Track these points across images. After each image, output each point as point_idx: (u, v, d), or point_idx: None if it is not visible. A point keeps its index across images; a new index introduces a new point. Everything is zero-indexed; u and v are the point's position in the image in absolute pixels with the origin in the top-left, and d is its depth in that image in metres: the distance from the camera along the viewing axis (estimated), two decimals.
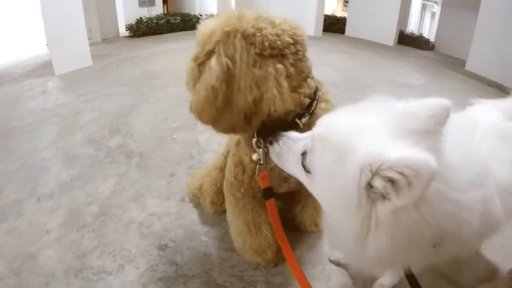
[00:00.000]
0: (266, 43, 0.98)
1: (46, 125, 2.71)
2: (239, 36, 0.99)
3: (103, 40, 6.05)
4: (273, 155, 0.99)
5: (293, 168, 0.92)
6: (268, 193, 1.16)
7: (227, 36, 1.00)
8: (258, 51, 0.98)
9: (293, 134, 0.96)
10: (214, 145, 2.43)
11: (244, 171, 1.31)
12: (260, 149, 1.14)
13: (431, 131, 0.70)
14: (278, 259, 1.50)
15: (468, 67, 8.50)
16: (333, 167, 0.71)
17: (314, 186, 0.85)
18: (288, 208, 1.65)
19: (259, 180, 1.18)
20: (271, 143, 0.99)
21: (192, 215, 1.77)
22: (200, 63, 1.05)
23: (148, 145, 2.41)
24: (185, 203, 1.85)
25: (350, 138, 0.70)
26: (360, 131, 0.70)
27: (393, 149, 0.62)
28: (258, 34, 0.99)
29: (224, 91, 0.98)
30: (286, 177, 1.20)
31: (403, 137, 0.67)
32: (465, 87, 6.61)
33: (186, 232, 1.65)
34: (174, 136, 2.56)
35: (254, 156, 1.18)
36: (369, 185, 0.64)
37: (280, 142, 0.96)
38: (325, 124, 0.81)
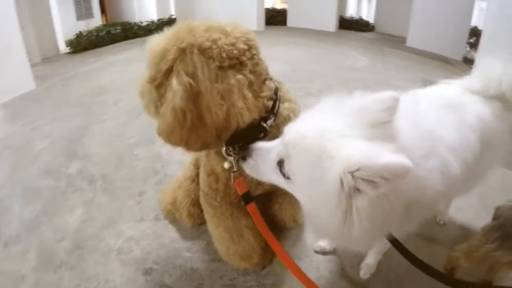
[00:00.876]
0: (224, 55, 0.97)
1: None
2: (195, 51, 0.96)
3: (43, 59, 5.67)
4: (248, 170, 1.01)
5: (271, 177, 0.96)
6: (247, 198, 1.16)
7: (183, 52, 0.97)
8: (218, 64, 0.96)
9: (262, 145, 0.98)
10: (177, 156, 2.37)
11: (217, 179, 1.30)
12: (231, 157, 1.13)
13: (386, 122, 0.81)
14: (265, 261, 1.52)
15: (409, 43, 9.02)
16: (312, 173, 0.78)
17: (295, 189, 0.90)
18: (266, 208, 1.66)
19: (236, 187, 1.17)
20: (244, 159, 1.00)
21: (170, 232, 1.72)
22: (158, 85, 1.02)
23: (110, 166, 2.31)
24: (160, 221, 1.80)
25: (321, 142, 0.77)
26: (329, 134, 0.78)
27: (367, 152, 0.71)
28: (214, 47, 0.97)
29: (192, 110, 0.95)
30: (260, 182, 1.20)
31: (366, 133, 0.78)
32: (409, 63, 6.92)
33: (168, 251, 1.60)
34: (135, 152, 2.48)
35: (226, 165, 1.18)
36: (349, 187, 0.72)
37: (253, 156, 0.98)
38: (294, 130, 0.86)
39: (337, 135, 0.78)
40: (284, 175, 0.89)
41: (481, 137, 1.26)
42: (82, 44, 6.16)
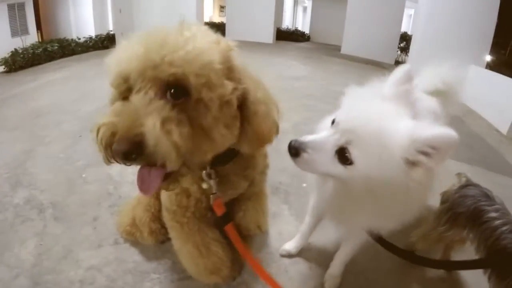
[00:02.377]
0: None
1: None
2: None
3: None
4: (302, 165, 1.02)
5: (328, 168, 0.99)
6: (226, 218, 1.17)
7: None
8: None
9: (314, 138, 1.02)
10: (129, 176, 2.33)
11: (189, 196, 1.29)
12: (212, 180, 1.14)
13: (409, 90, 1.00)
14: (234, 272, 1.54)
15: (343, 51, 9.55)
16: (377, 153, 0.88)
17: (356, 174, 0.94)
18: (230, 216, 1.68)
19: (215, 209, 1.19)
20: (297, 155, 1.01)
21: (133, 255, 1.68)
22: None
23: (59, 192, 2.19)
24: (121, 244, 1.75)
25: (381, 124, 0.90)
26: (384, 116, 0.92)
27: (423, 129, 0.86)
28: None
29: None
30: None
31: (407, 111, 0.96)
32: (346, 68, 7.35)
33: (134, 275, 1.57)
34: (84, 175, 2.38)
35: (205, 185, 1.19)
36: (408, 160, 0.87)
37: (309, 150, 0.99)
38: (350, 118, 0.96)
39: (391, 116, 0.92)
40: (345, 162, 0.95)
41: None
42: (18, 63, 5.85)
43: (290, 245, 1.73)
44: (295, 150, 1.00)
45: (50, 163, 2.56)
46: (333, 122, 1.02)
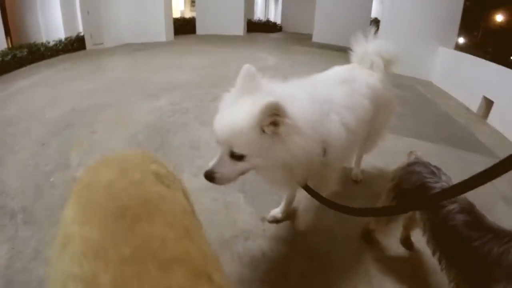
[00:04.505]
0: None
1: None
2: None
3: None
4: (223, 182, 1.29)
5: (240, 170, 1.28)
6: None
7: None
8: None
9: (213, 161, 1.28)
10: None
11: None
12: None
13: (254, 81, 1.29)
14: None
15: (314, 39, 9.76)
16: (246, 137, 1.17)
17: (254, 159, 1.24)
18: None
19: None
20: (212, 180, 1.26)
21: None
22: None
23: (28, 198, 2.30)
24: None
25: (233, 120, 1.19)
26: (237, 112, 1.20)
27: (257, 105, 1.13)
28: None
29: None
30: None
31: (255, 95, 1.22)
32: (313, 57, 7.56)
33: None
34: (51, 179, 2.51)
35: None
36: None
37: (216, 171, 1.26)
38: (216, 129, 1.24)
39: (241, 108, 1.19)
40: (241, 158, 1.22)
41: (372, 101, 1.78)
42: None
43: (276, 211, 2.02)
44: (209, 178, 1.26)
45: (19, 170, 2.66)
46: None
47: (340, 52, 8.01)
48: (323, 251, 1.87)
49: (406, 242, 1.88)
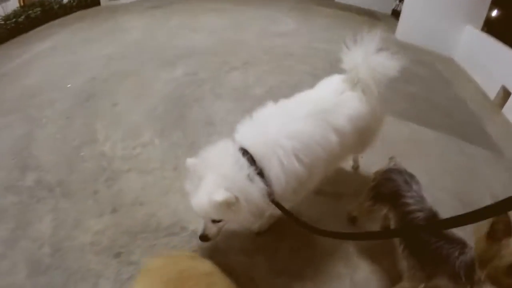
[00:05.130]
0: None
1: None
2: None
3: None
4: (214, 237, 1.72)
5: (219, 228, 1.69)
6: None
7: None
8: None
9: (200, 228, 1.68)
10: (119, 151, 2.73)
11: None
12: None
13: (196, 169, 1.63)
14: None
15: None
16: (211, 214, 1.60)
17: (229, 222, 1.69)
18: None
19: None
20: (207, 239, 1.69)
21: (127, 220, 2.15)
22: None
23: (62, 172, 2.54)
24: (117, 212, 2.21)
25: (200, 198, 1.56)
26: (201, 193, 1.56)
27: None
28: None
29: None
30: None
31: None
32: (334, 21, 7.21)
33: (129, 236, 2.05)
34: (81, 154, 2.73)
35: None
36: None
37: (208, 233, 1.67)
38: (195, 208, 1.60)
39: (203, 190, 1.55)
40: (219, 220, 1.63)
41: (354, 127, 1.84)
42: (1, 35, 5.52)
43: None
44: (205, 239, 1.68)
45: (50, 145, 2.86)
46: None
47: (364, 18, 7.77)
48: (304, 244, 2.10)
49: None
